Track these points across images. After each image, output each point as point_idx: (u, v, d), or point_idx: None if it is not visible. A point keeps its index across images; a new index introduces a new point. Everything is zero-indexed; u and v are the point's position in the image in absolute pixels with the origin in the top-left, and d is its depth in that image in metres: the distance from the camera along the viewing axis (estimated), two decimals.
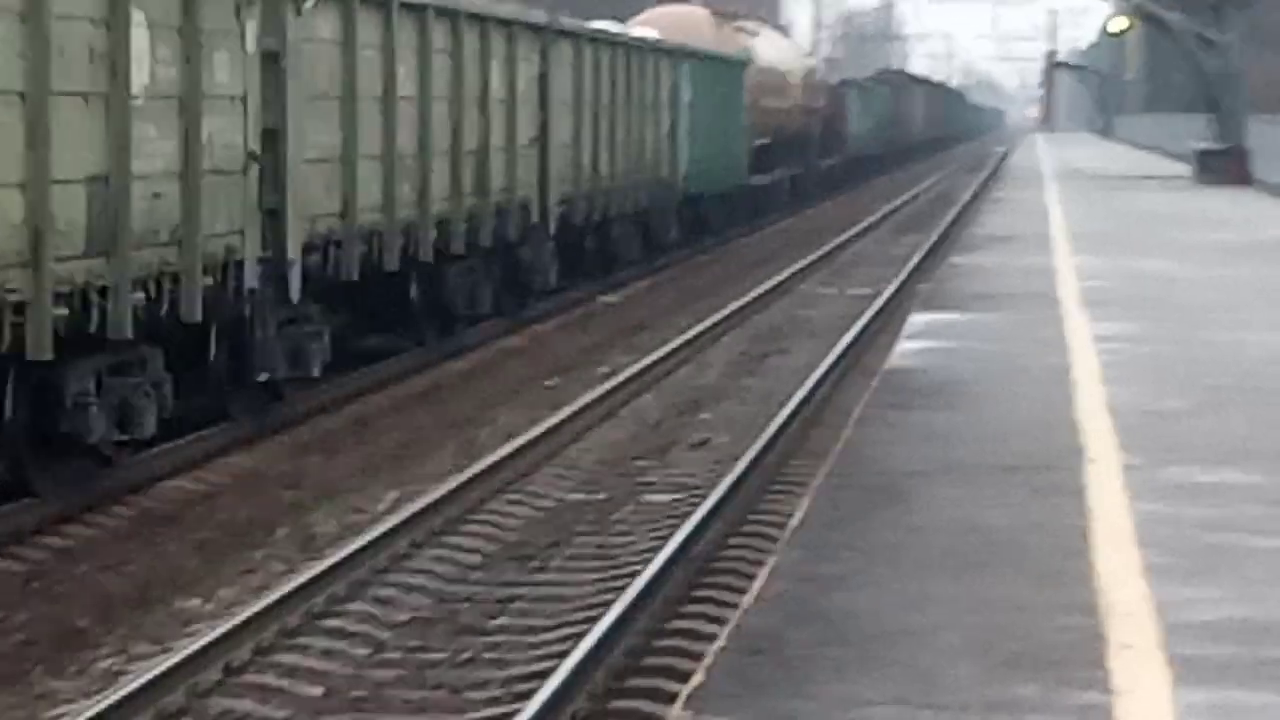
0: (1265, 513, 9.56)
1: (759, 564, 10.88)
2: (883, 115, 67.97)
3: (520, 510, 13.31)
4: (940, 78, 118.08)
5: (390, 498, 13.54)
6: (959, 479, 10.42)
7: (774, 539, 11.71)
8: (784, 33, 53.51)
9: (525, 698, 8.86)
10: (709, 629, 10.08)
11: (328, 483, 14.05)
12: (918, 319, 17.96)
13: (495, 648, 10.08)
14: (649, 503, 13.61)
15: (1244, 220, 33.21)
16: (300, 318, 15.74)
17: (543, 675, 9.19)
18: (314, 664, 9.79)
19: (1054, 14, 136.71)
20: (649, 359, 19.84)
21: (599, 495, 13.84)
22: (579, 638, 9.69)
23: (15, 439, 12.14)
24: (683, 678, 9.13)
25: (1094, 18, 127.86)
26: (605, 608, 10.20)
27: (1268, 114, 47.45)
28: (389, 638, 10.24)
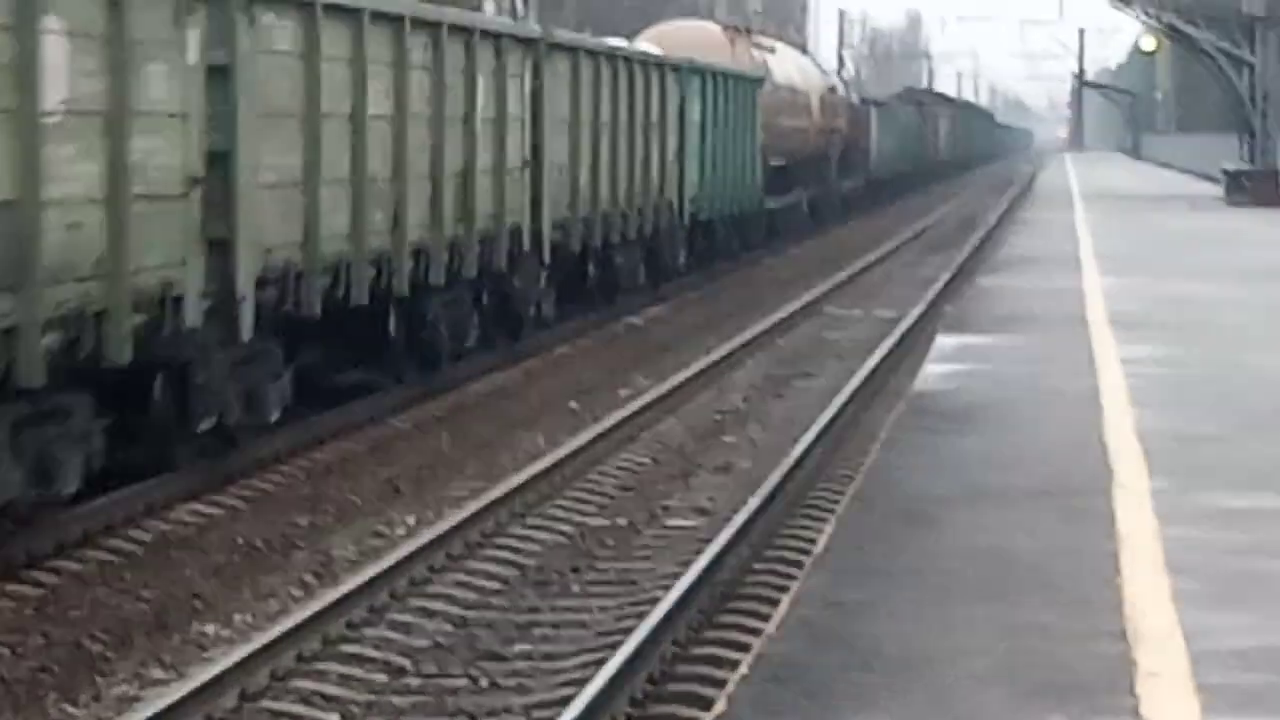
0: None
1: (782, 590, 10.79)
2: (906, 135, 66.28)
3: (541, 535, 13.22)
4: (967, 97, 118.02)
5: (409, 521, 13.47)
6: (986, 504, 10.31)
7: (798, 564, 11.62)
8: (804, 50, 51.73)
9: None
10: (732, 656, 9.99)
11: (346, 505, 13.97)
12: (945, 341, 17.85)
13: (515, 674, 9.99)
14: (671, 527, 13.52)
15: (1275, 242, 33.12)
16: (257, 357, 14.51)
17: (564, 702, 9.09)
18: (332, 690, 9.69)
19: (1083, 33, 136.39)
20: (670, 382, 19.74)
21: (620, 519, 13.75)
22: (600, 664, 9.60)
23: None
24: (705, 705, 9.08)
25: (1123, 37, 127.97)
26: (627, 634, 10.10)
27: None
28: (408, 663, 10.15)
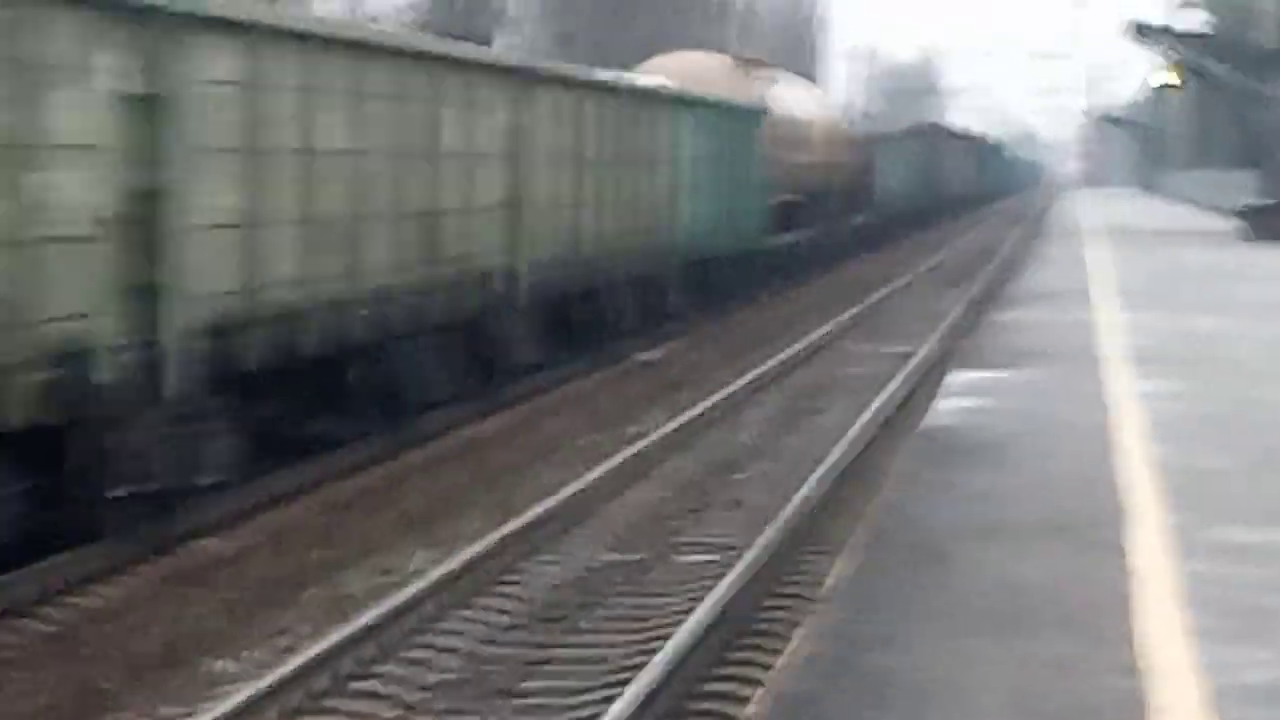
0: None
1: (795, 625, 10.75)
2: (915, 169, 65.23)
3: (552, 570, 13.18)
4: (980, 131, 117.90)
5: (422, 557, 13.43)
6: (1000, 539, 10.27)
7: (810, 600, 11.57)
8: (813, 84, 50.16)
9: None
10: (744, 691, 9.96)
11: (359, 541, 13.93)
12: (957, 377, 17.81)
13: (527, 711, 9.94)
14: (683, 563, 13.48)
15: None
16: (194, 415, 13.22)
17: None
18: None
19: (1096, 68, 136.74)
20: (679, 419, 19.71)
21: (633, 555, 13.71)
22: (611, 700, 9.56)
23: None
24: None
25: (1138, 71, 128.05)
26: (638, 670, 10.06)
27: None
28: (419, 701, 10.10)
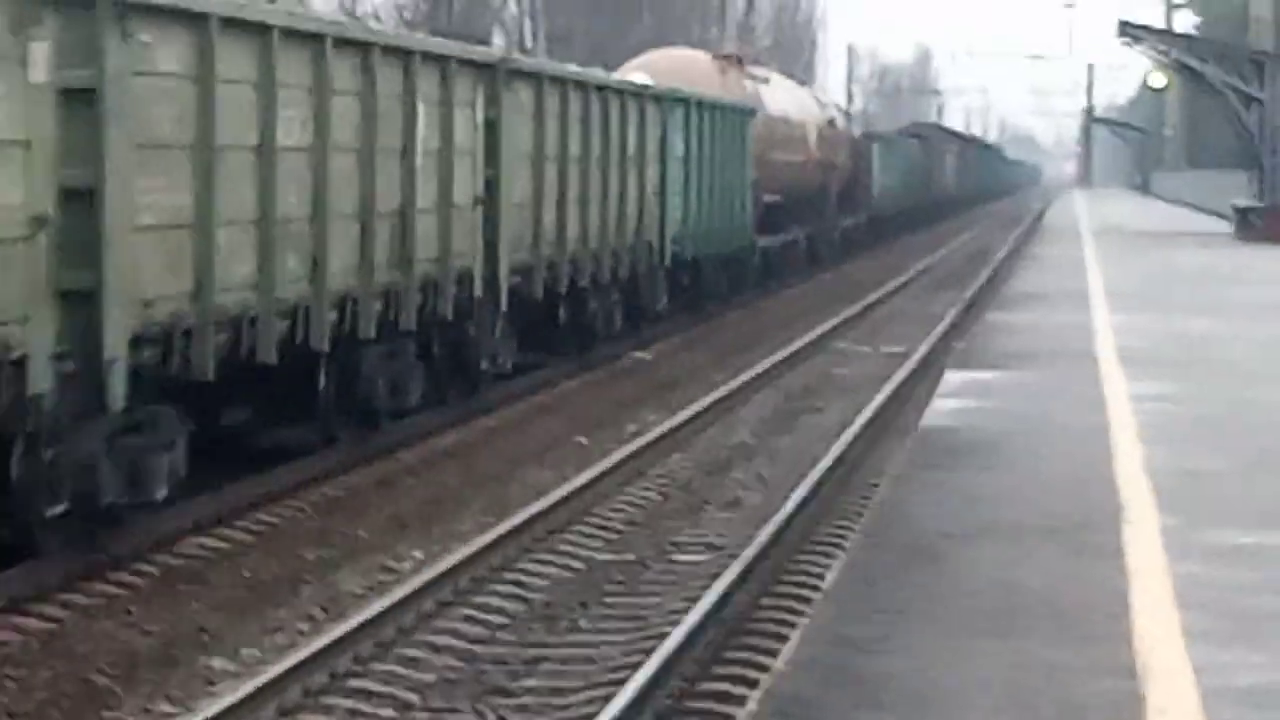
0: None
1: (791, 626, 10.77)
2: (911, 170, 64.63)
3: (548, 570, 13.18)
4: (976, 132, 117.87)
5: (417, 556, 13.44)
6: (995, 539, 10.28)
7: (807, 600, 11.59)
8: (802, 82, 47.94)
9: None
10: (740, 692, 9.96)
11: (354, 540, 13.94)
12: (953, 377, 17.82)
13: (523, 710, 9.95)
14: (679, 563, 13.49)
15: None
16: (142, 426, 12.59)
17: None
18: None
19: (1092, 69, 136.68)
20: (676, 419, 19.72)
21: (628, 555, 13.72)
22: (607, 700, 9.57)
23: None
24: None
25: (1133, 73, 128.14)
26: (634, 669, 10.07)
27: None
28: (415, 699, 10.11)
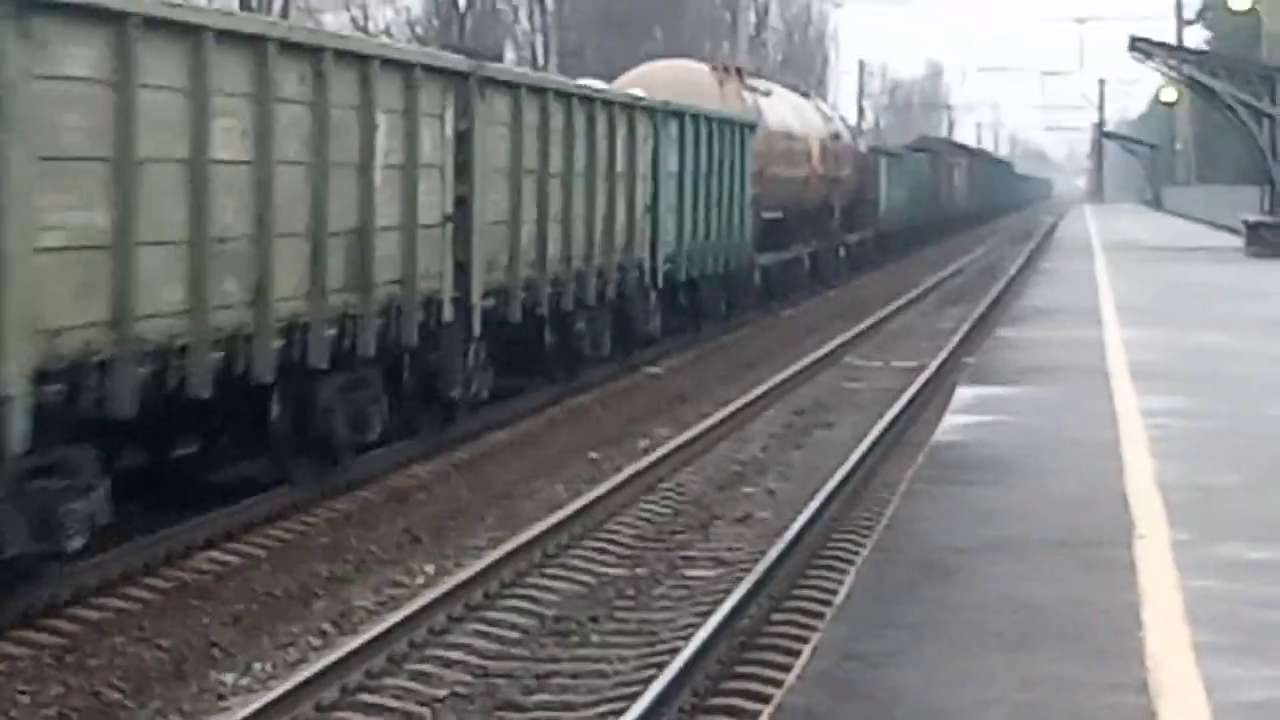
0: None
1: (803, 640, 10.76)
2: (919, 185, 63.48)
3: (560, 584, 13.19)
4: (987, 147, 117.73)
5: (429, 570, 13.45)
6: (1007, 555, 10.26)
7: (818, 615, 11.58)
8: (810, 95, 45.82)
9: None
10: (751, 707, 9.96)
11: (366, 554, 13.95)
12: (965, 392, 17.81)
13: None
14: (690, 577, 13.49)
15: None
16: (52, 470, 11.54)
17: None
18: None
19: (1103, 84, 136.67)
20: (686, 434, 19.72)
21: (640, 570, 13.72)
22: (619, 715, 9.57)
23: None
24: None
25: (1144, 88, 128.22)
26: (646, 684, 10.07)
27: None
28: (427, 713, 10.11)
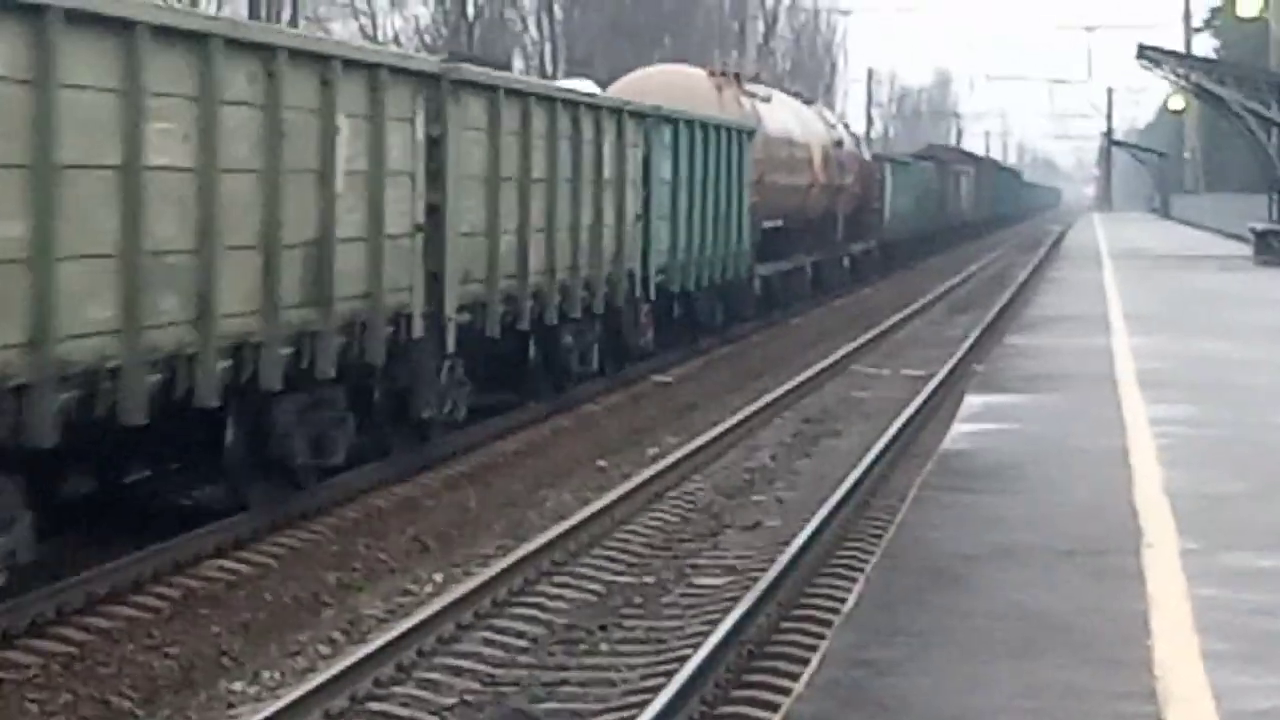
0: None
1: (811, 649, 10.75)
2: (926, 193, 62.63)
3: (568, 593, 13.20)
4: (996, 156, 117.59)
5: (437, 578, 13.46)
6: (1015, 563, 10.26)
7: (827, 623, 11.57)
8: (813, 102, 44.48)
9: None
10: (760, 715, 9.96)
11: (374, 563, 13.95)
12: (973, 400, 17.80)
13: None
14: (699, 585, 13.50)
15: None
16: None
17: None
18: None
19: (1111, 93, 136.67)
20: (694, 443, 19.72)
21: (648, 578, 13.73)
22: None
23: None
24: None
25: (1152, 97, 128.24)
26: (654, 693, 10.07)
27: None
28: None
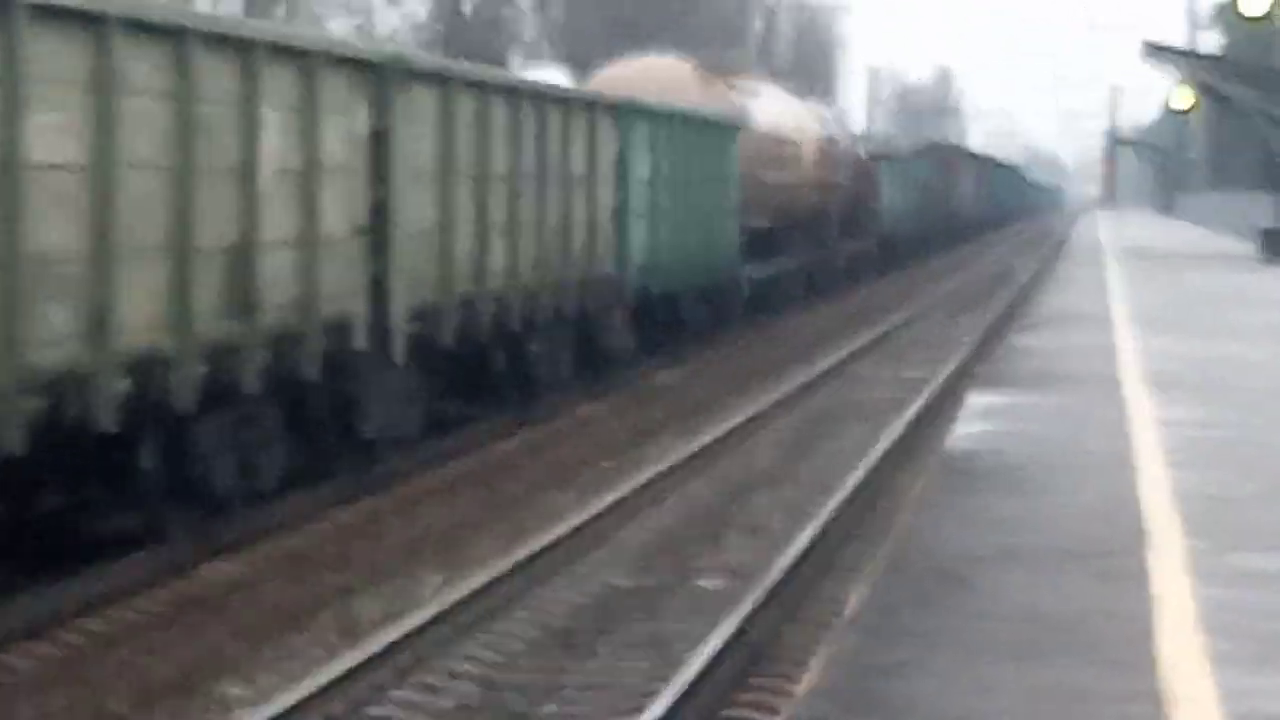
0: None
1: (813, 651, 10.70)
2: (924, 191, 61.66)
3: (568, 595, 13.13)
4: (1000, 154, 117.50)
5: (436, 581, 13.40)
6: (1020, 564, 10.20)
7: (830, 626, 11.52)
8: (803, 98, 43.09)
9: None
10: (762, 718, 9.90)
11: (373, 566, 13.89)
12: (977, 401, 17.75)
13: None
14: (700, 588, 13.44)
15: None
16: None
17: None
18: None
19: (1116, 90, 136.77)
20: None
21: (649, 580, 13.67)
22: None
23: None
24: None
25: (1157, 94, 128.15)
26: (655, 696, 10.01)
27: None
28: None
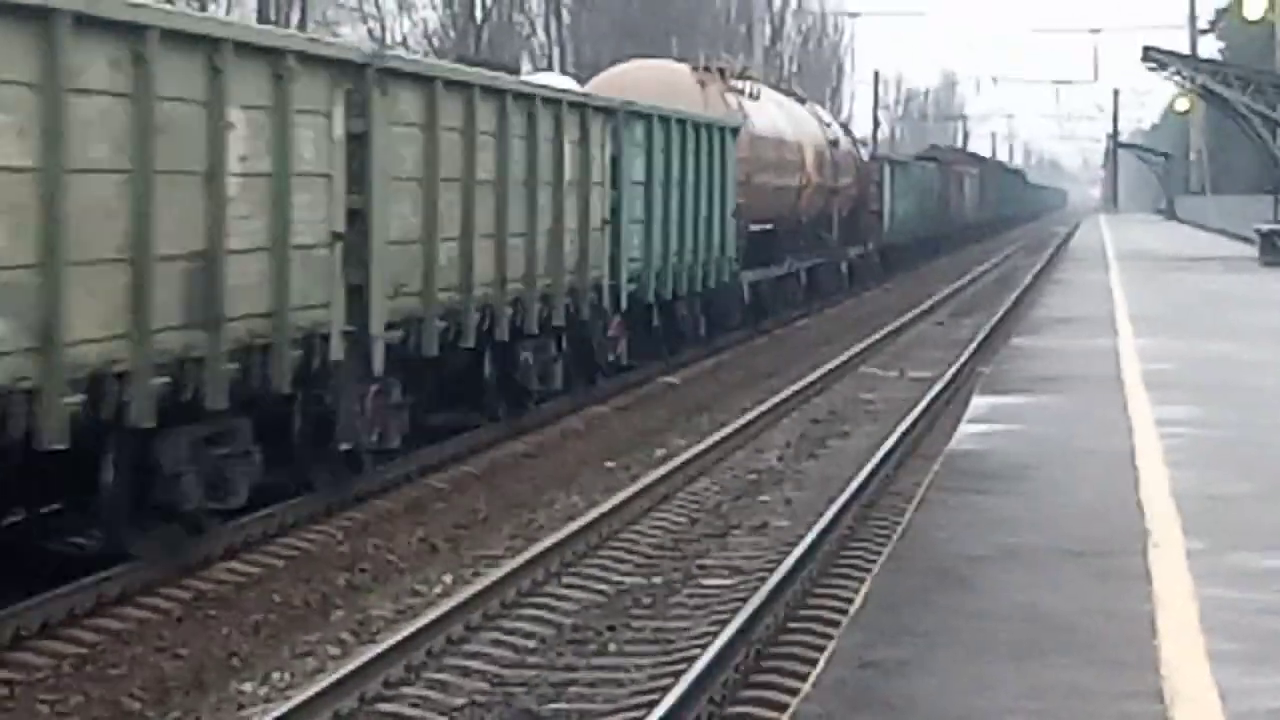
0: None
1: (818, 649, 10.78)
2: (928, 195, 61.47)
3: (576, 594, 13.23)
4: (1002, 158, 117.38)
5: (446, 579, 13.49)
6: (1022, 563, 10.28)
7: (834, 624, 11.60)
8: (803, 101, 42.37)
9: None
10: (768, 715, 9.99)
11: (384, 564, 13.99)
12: (980, 402, 17.82)
13: None
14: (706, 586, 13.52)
15: None
16: None
17: None
18: None
19: (1117, 94, 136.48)
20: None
21: (656, 579, 13.75)
22: None
23: None
24: None
25: (1158, 98, 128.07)
26: (663, 693, 10.10)
27: None
28: None
